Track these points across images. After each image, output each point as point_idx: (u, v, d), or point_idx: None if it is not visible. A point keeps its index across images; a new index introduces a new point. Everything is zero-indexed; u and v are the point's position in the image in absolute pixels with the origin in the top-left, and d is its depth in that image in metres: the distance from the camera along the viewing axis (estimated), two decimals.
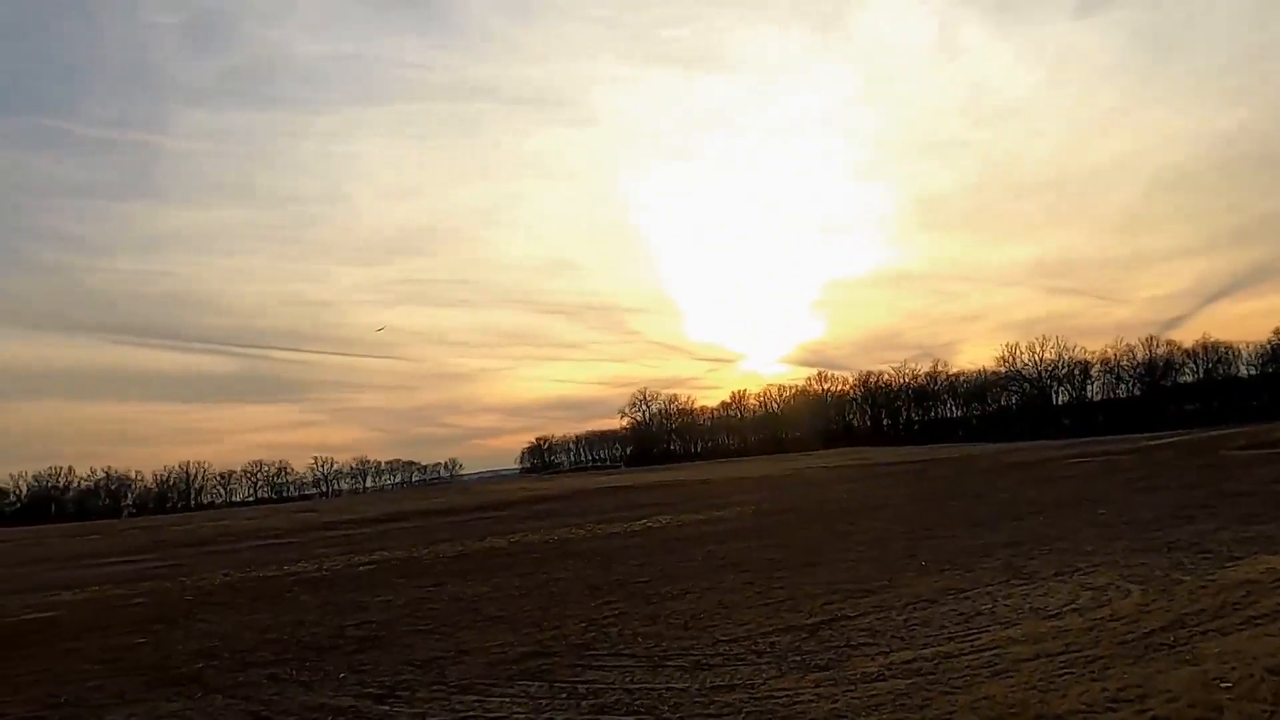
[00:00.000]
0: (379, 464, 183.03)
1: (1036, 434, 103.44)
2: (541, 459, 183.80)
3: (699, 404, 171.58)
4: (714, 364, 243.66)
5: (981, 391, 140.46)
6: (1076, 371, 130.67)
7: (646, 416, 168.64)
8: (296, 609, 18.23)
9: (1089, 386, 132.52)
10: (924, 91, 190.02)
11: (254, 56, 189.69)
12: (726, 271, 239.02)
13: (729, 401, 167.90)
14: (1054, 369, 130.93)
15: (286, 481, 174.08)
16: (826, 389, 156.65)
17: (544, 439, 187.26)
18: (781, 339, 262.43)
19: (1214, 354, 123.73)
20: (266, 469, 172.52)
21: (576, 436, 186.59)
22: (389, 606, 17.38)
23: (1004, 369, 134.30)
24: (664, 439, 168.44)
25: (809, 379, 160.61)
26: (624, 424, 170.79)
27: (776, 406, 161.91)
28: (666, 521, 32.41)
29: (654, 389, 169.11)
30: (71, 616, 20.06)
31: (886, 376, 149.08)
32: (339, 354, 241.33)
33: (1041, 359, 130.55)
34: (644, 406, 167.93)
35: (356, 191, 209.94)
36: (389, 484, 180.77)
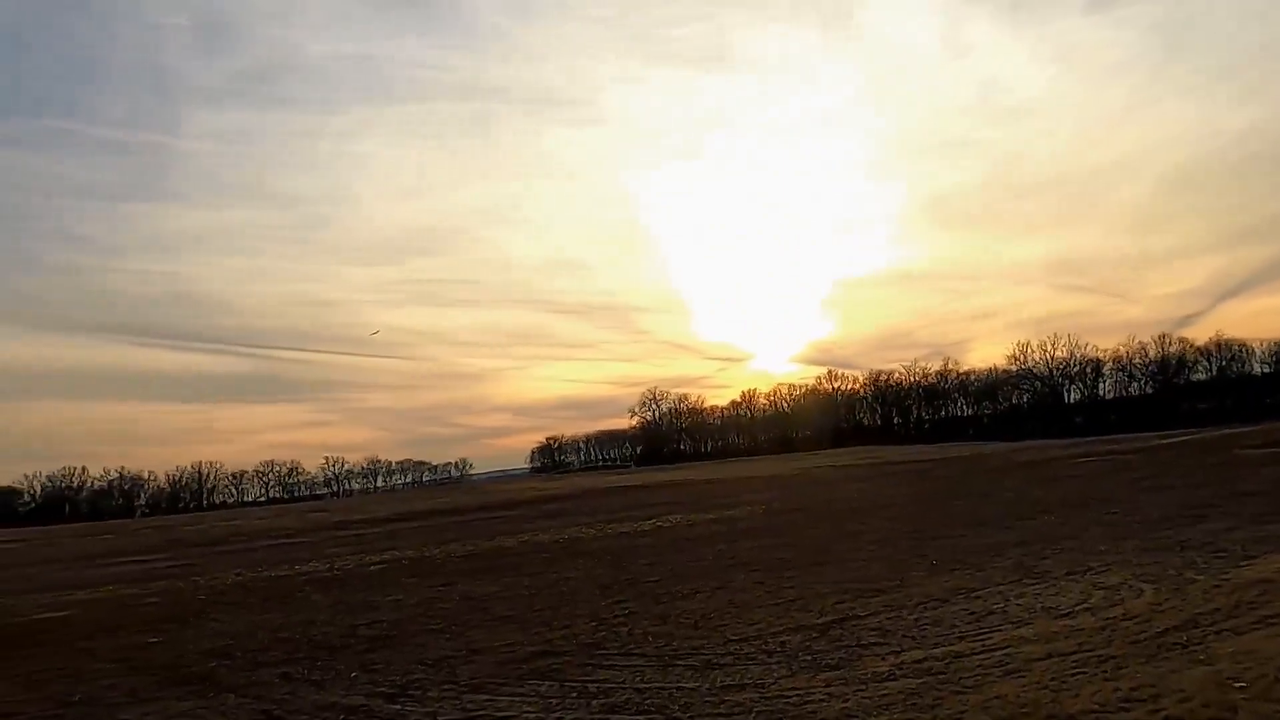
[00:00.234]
0: (390, 464, 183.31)
1: (1048, 433, 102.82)
2: (551, 459, 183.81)
3: (709, 403, 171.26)
4: (723, 363, 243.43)
5: (992, 390, 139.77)
6: (1088, 370, 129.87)
7: (656, 416, 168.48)
8: (308, 608, 18.31)
9: (1101, 385, 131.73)
10: (932, 90, 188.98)
11: (263, 57, 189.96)
12: (735, 270, 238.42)
13: (739, 401, 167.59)
14: (1065, 367, 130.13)
15: (298, 481, 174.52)
16: (836, 388, 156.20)
17: (554, 439, 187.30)
18: (791, 338, 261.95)
19: (1227, 352, 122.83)
20: (278, 469, 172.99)
21: (586, 436, 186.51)
22: (400, 606, 17.44)
23: (1015, 367, 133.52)
24: (674, 438, 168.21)
25: (819, 378, 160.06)
26: (634, 423, 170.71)
27: (786, 406, 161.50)
28: (676, 521, 32.41)
29: (663, 388, 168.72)
30: (85, 615, 20.19)
31: (897, 375, 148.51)
32: (349, 354, 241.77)
33: (1053, 357, 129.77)
34: (654, 406, 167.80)
35: (365, 192, 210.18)
36: (400, 484, 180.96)
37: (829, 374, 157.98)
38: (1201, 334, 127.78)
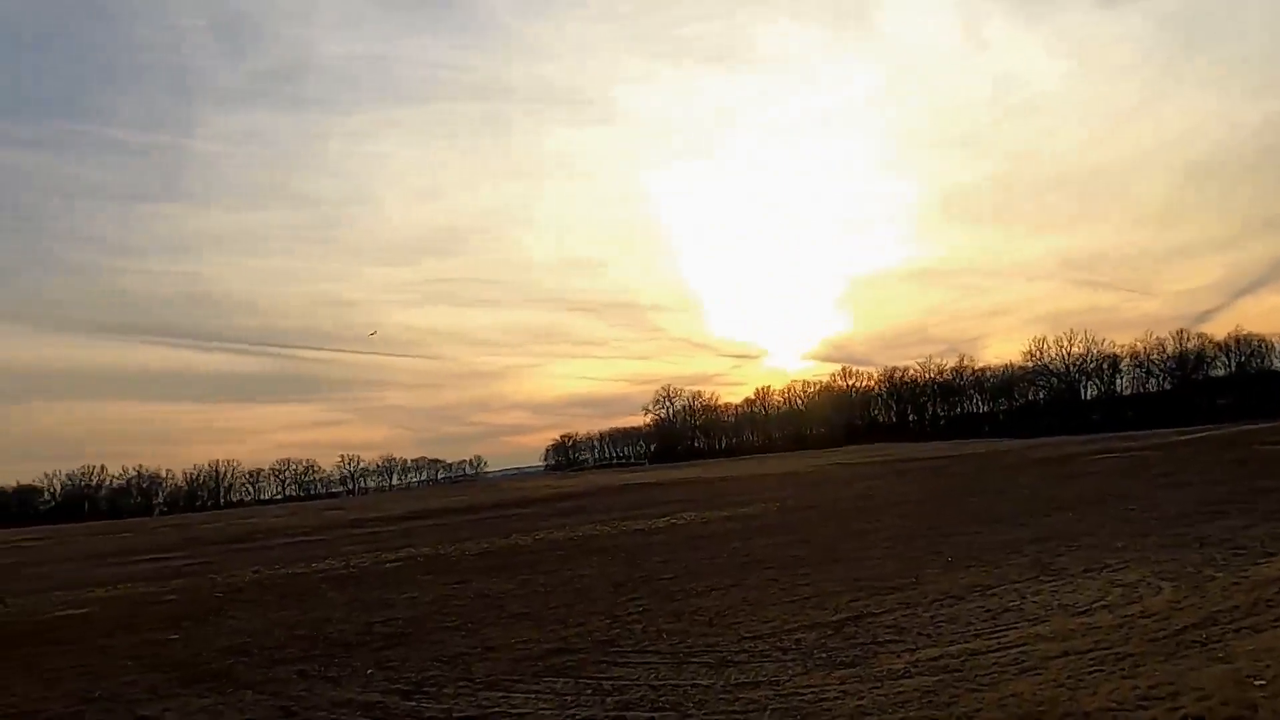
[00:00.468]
0: (405, 462, 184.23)
1: (1065, 429, 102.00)
2: (566, 456, 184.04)
3: (723, 400, 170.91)
4: (738, 360, 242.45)
5: (1008, 386, 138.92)
6: (1105, 366, 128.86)
7: (670, 413, 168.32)
8: (324, 606, 18.41)
9: (1118, 381, 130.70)
10: (948, 85, 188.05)
11: (280, 58, 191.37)
12: (750, 267, 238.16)
13: (753, 398, 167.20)
14: (1082, 363, 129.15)
15: (314, 480, 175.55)
16: (851, 385, 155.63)
17: (568, 436, 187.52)
18: (805, 335, 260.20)
19: (1246, 347, 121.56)
20: (294, 467, 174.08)
21: (601, 434, 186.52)
22: (415, 603, 17.51)
23: (1031, 364, 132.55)
24: (688, 436, 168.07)
25: (833, 375, 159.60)
26: (648, 421, 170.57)
27: (801, 403, 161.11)
28: (691, 518, 32.40)
29: (677, 386, 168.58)
30: (105, 613, 20.36)
31: (912, 372, 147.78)
32: (366, 353, 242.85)
33: (1069, 353, 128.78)
34: (668, 403, 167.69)
35: (383, 192, 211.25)
36: (415, 482, 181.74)
37: (843, 371, 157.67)
38: (1220, 329, 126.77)
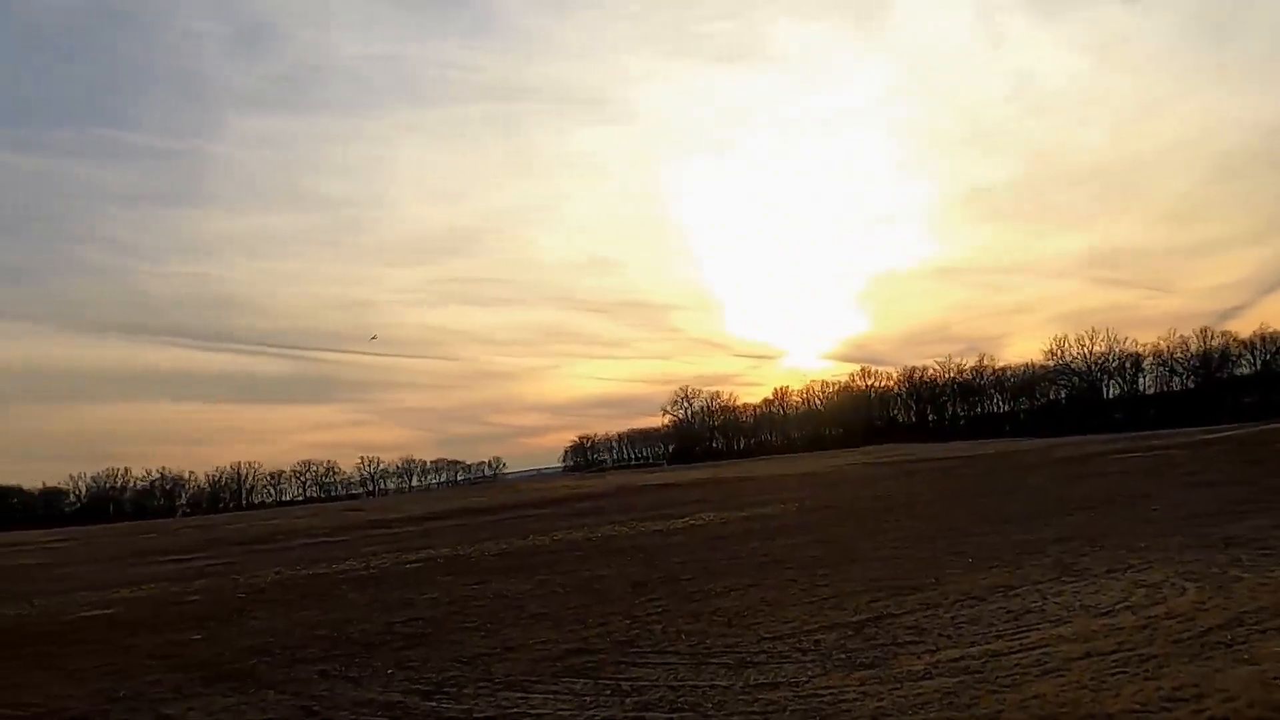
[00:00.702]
0: (424, 463, 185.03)
1: (1086, 428, 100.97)
2: (584, 457, 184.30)
3: (741, 401, 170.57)
4: (756, 360, 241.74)
5: (1029, 385, 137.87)
6: (1128, 364, 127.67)
7: (689, 414, 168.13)
8: (345, 606, 18.53)
9: (1141, 380, 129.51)
10: (968, 81, 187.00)
11: (299, 62, 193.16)
12: (767, 267, 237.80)
13: (771, 398, 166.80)
14: (1104, 362, 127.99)
15: (334, 481, 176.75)
16: (870, 385, 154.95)
17: (587, 437, 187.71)
18: (824, 334, 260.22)
19: (1272, 345, 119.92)
20: (315, 469, 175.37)
21: (619, 434, 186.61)
22: (435, 604, 17.59)
23: (1053, 363, 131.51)
24: (706, 436, 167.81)
25: (852, 375, 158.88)
26: (666, 422, 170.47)
27: (819, 403, 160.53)
28: (709, 519, 32.36)
29: (696, 386, 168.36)
30: (129, 613, 20.58)
31: (931, 371, 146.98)
32: (385, 355, 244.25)
33: (1091, 351, 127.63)
34: (686, 404, 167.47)
35: (400, 193, 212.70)
36: (434, 483, 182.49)
37: (862, 371, 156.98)
38: (1245, 327, 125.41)
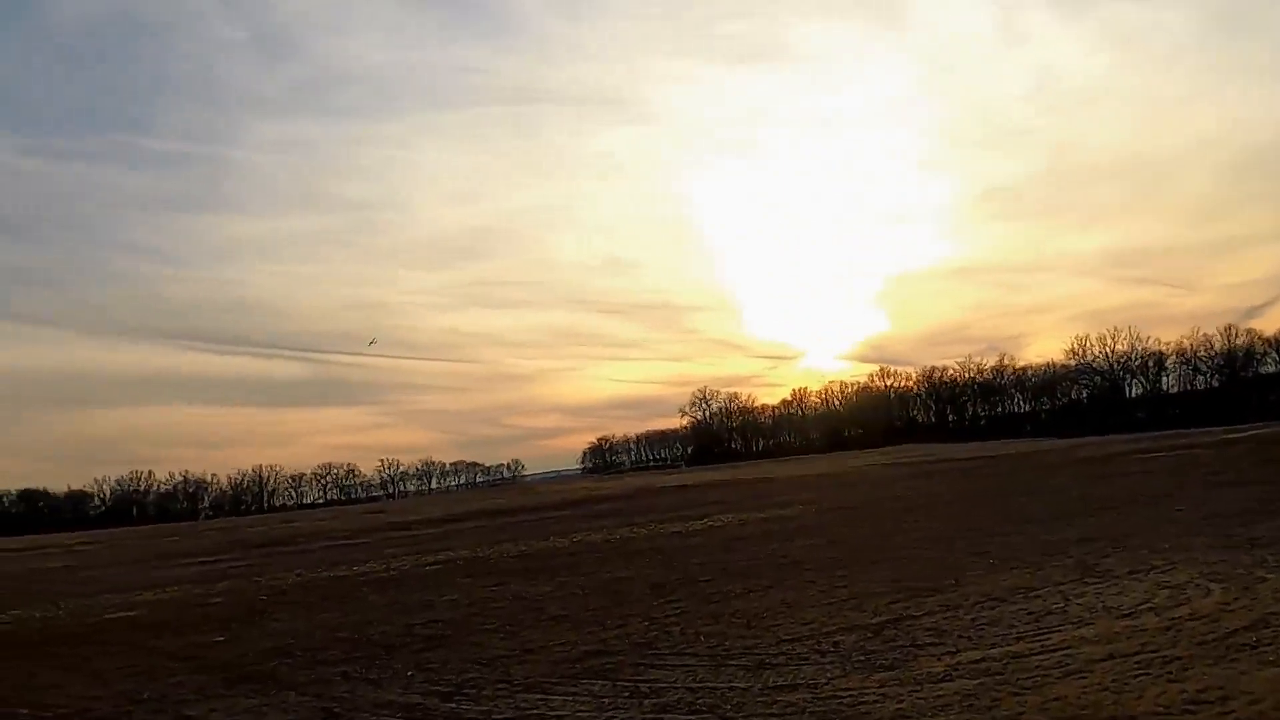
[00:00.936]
0: (444, 465, 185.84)
1: (1108, 428, 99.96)
2: (603, 459, 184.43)
3: (760, 402, 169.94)
4: (774, 361, 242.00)
5: (1050, 385, 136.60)
6: (1150, 363, 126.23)
7: (707, 415, 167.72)
8: (365, 608, 18.63)
9: (1164, 379, 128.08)
10: (986, 79, 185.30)
11: (318, 67, 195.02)
12: (786, 267, 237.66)
13: (790, 399, 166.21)
14: (1126, 361, 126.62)
15: (354, 483, 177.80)
16: (889, 385, 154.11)
17: (605, 439, 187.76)
18: (843, 335, 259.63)
19: None
20: (335, 471, 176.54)
21: (637, 436, 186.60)
22: (455, 606, 17.65)
23: (1074, 362, 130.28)
24: (725, 438, 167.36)
25: (871, 375, 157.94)
26: (684, 423, 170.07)
27: (838, 403, 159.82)
28: (728, 520, 32.31)
29: (714, 387, 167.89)
30: (153, 615, 20.78)
31: (951, 371, 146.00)
32: (404, 357, 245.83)
33: (1113, 351, 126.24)
34: (704, 405, 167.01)
35: (418, 196, 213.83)
36: (453, 485, 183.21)
37: (881, 371, 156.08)
38: (1270, 325, 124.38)
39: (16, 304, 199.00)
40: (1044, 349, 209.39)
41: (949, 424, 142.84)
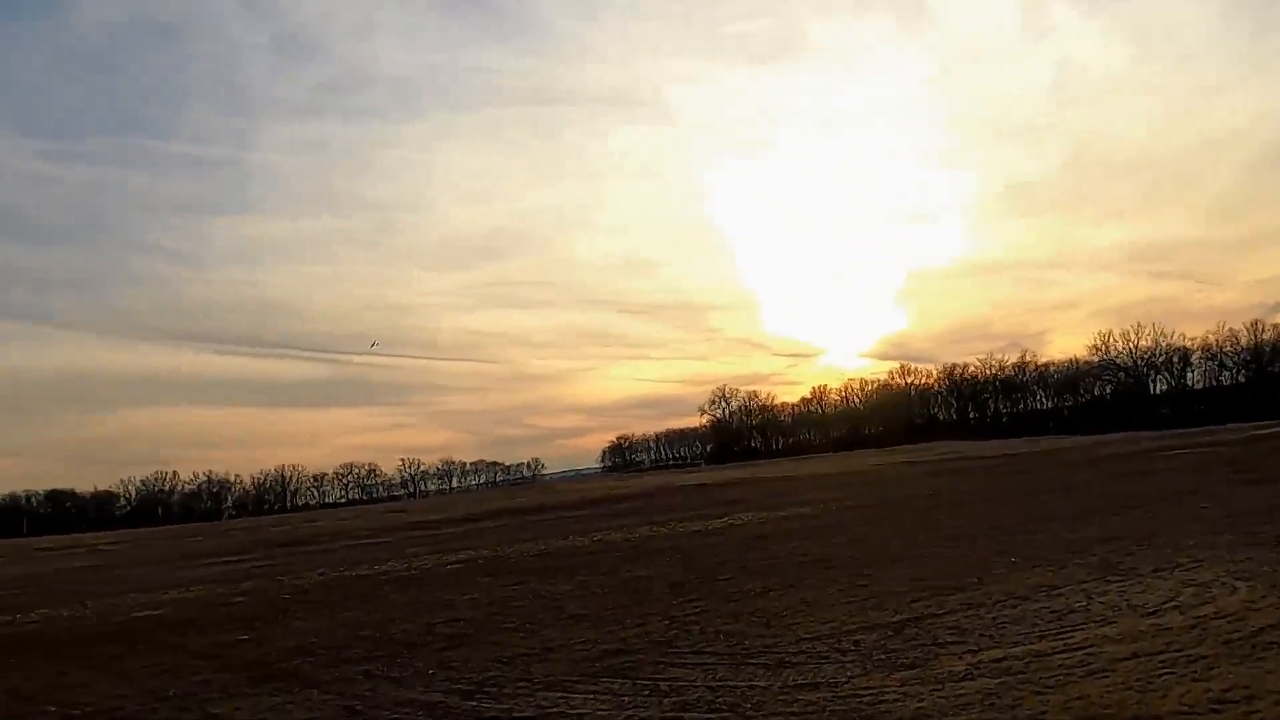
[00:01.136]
0: (464, 465, 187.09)
1: (1132, 425, 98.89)
2: (623, 458, 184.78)
3: (780, 400, 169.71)
4: (794, 359, 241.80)
5: (1073, 382, 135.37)
6: (1175, 359, 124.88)
7: (727, 414, 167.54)
8: (387, 607, 18.74)
9: (1189, 375, 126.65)
10: (1007, 74, 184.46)
11: (339, 70, 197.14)
12: (806, 265, 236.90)
13: (810, 397, 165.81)
14: (1151, 357, 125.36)
15: (376, 483, 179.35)
16: (910, 382, 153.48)
17: (625, 438, 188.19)
18: (863, 332, 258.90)
19: None
20: (357, 471, 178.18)
21: (657, 435, 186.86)
22: (476, 604, 17.73)
23: (1097, 358, 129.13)
24: (745, 436, 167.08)
25: (891, 372, 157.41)
26: (704, 422, 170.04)
27: (859, 401, 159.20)
28: (748, 519, 32.24)
29: (734, 386, 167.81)
30: (178, 614, 21.00)
31: (972, 369, 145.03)
32: (425, 358, 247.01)
33: (1137, 347, 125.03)
34: (724, 404, 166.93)
35: (439, 197, 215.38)
36: (474, 484, 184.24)
37: (902, 368, 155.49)
38: None
39: (42, 307, 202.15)
40: (1067, 345, 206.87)
41: (970, 421, 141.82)
